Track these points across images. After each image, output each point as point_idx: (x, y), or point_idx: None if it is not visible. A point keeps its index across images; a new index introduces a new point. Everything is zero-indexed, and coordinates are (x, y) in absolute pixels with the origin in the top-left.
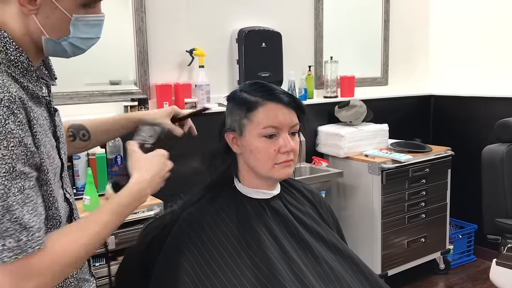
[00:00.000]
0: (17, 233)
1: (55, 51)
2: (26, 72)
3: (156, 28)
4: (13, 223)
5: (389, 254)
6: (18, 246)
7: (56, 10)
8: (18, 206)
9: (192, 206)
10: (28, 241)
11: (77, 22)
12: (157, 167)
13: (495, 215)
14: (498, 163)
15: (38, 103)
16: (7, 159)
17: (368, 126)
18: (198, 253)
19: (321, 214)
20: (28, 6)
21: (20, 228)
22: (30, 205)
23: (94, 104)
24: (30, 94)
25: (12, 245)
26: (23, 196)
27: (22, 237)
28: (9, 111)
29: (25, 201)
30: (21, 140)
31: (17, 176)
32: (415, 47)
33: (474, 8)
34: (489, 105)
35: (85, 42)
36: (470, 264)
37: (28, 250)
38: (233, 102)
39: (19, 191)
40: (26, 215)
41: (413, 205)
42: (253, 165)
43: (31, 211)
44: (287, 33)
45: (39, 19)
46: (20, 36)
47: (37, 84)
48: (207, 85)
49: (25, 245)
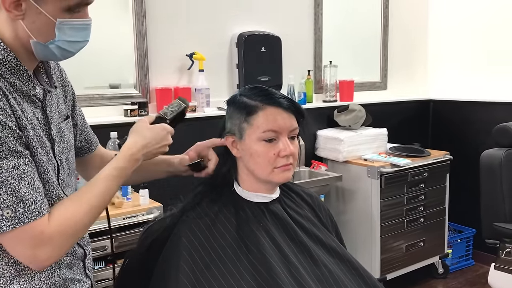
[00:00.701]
0: (14, 205)
1: (45, 55)
2: (14, 71)
3: (156, 32)
4: (10, 195)
5: (387, 258)
6: (15, 216)
7: (40, 15)
8: (13, 181)
9: (191, 210)
10: (25, 212)
11: (62, 26)
12: (154, 136)
13: (493, 220)
14: (497, 167)
15: (31, 102)
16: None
17: (367, 130)
18: (197, 256)
19: (320, 217)
20: (14, 11)
21: (17, 200)
22: (27, 179)
23: (94, 107)
24: (19, 90)
25: (10, 215)
26: (18, 172)
27: (18, 208)
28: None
29: (21, 176)
30: (4, 124)
31: (8, 155)
32: (414, 52)
33: (473, 13)
34: (488, 110)
35: (72, 45)
36: (469, 269)
37: (24, 220)
38: (233, 106)
39: (14, 167)
40: (22, 189)
41: (411, 209)
42: (252, 169)
43: (27, 185)
44: (287, 38)
45: (26, 24)
46: (11, 40)
47: (29, 84)
48: (206, 89)
49: (21, 215)
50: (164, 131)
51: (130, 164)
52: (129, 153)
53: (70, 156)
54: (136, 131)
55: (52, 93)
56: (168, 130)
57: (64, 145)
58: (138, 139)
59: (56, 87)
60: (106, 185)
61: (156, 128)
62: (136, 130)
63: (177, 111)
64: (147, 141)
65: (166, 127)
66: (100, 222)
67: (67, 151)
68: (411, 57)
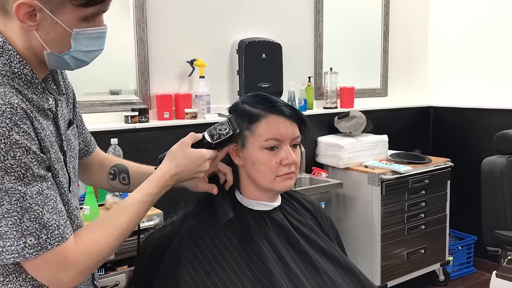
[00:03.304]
0: (37, 232)
1: (58, 65)
2: (30, 84)
3: (157, 39)
4: (33, 222)
5: (388, 266)
6: (39, 243)
7: (56, 25)
8: (37, 207)
9: (193, 217)
10: (48, 239)
11: (78, 36)
12: (189, 165)
13: (494, 227)
14: (498, 175)
15: (45, 116)
16: (16, 167)
17: (367, 137)
18: (198, 265)
19: (322, 225)
20: (28, 22)
21: (40, 227)
22: (50, 204)
23: (95, 113)
24: (36, 106)
25: (33, 242)
26: (42, 197)
27: (42, 235)
28: (12, 122)
29: (45, 202)
30: (28, 149)
31: (32, 180)
32: (414, 59)
33: (473, 20)
34: (489, 117)
35: (88, 54)
36: (470, 276)
37: (47, 247)
38: (235, 114)
39: (38, 193)
40: (46, 215)
41: (412, 216)
42: (254, 177)
43: (50, 210)
44: (287, 44)
45: (40, 35)
46: (23, 50)
47: (43, 96)
48: (207, 95)
49: (45, 242)
50: (201, 159)
51: (161, 191)
52: (162, 180)
53: (76, 164)
54: (172, 156)
55: (62, 101)
56: (207, 158)
57: (71, 153)
58: (172, 167)
59: (64, 94)
60: (136, 210)
61: (193, 156)
62: (173, 154)
63: (225, 137)
64: (179, 170)
65: (205, 154)
66: None
67: (73, 160)
68: (412, 63)
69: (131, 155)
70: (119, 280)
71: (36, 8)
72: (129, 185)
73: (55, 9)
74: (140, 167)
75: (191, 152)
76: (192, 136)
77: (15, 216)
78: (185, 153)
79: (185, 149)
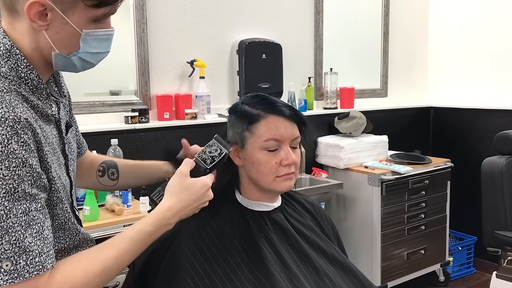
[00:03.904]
0: (16, 256)
1: (65, 66)
2: (35, 89)
3: (157, 39)
4: (12, 245)
5: (388, 266)
6: (16, 269)
7: (66, 25)
8: (19, 228)
9: (192, 219)
10: (26, 266)
11: (87, 37)
12: (192, 198)
13: (494, 228)
14: (498, 175)
15: (48, 121)
16: (8, 179)
17: (367, 137)
18: (198, 265)
19: (322, 226)
20: (38, 21)
21: (20, 251)
22: (35, 228)
23: (95, 114)
24: (40, 112)
25: (9, 268)
26: (27, 218)
27: (20, 260)
28: (13, 131)
29: (29, 224)
30: (25, 161)
31: (21, 197)
32: (414, 59)
33: (473, 20)
34: (489, 117)
35: (95, 56)
36: (470, 276)
37: (25, 275)
38: (235, 114)
39: (23, 212)
40: (28, 238)
41: (412, 216)
42: (254, 178)
43: (34, 234)
44: (287, 45)
45: (49, 35)
46: (30, 52)
47: (47, 102)
48: (207, 96)
49: (22, 269)
50: (204, 188)
51: (159, 230)
52: (161, 218)
53: (75, 166)
54: (172, 192)
55: (64, 104)
56: (209, 186)
57: (72, 156)
58: (173, 204)
59: (66, 96)
60: (126, 248)
61: (194, 187)
62: (172, 190)
63: (218, 158)
64: (183, 204)
65: (207, 183)
66: (99, 230)
67: (73, 162)
68: (412, 64)
69: (131, 156)
70: (119, 281)
71: (47, 7)
72: (117, 180)
73: (67, 9)
74: (129, 161)
75: (192, 183)
76: (188, 164)
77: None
78: (185, 186)
79: (184, 182)
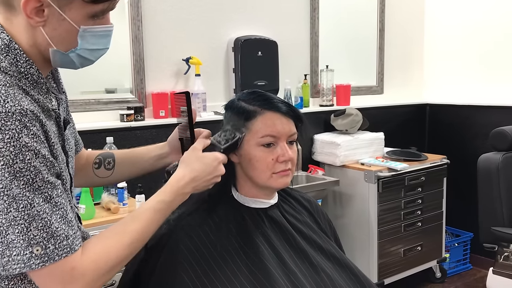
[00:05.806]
0: (45, 241)
1: (63, 63)
2: (36, 84)
3: (153, 37)
4: (40, 231)
5: (385, 263)
6: (46, 253)
7: (63, 21)
8: (45, 215)
9: (189, 216)
10: (55, 249)
11: (85, 33)
12: (204, 168)
13: (491, 224)
14: (494, 171)
15: (49, 116)
16: (25, 171)
17: (364, 134)
18: (195, 263)
19: (319, 223)
20: (35, 18)
21: (48, 236)
22: (59, 213)
23: (90, 112)
24: (41, 107)
25: (40, 252)
26: (50, 205)
27: (49, 245)
28: (21, 124)
29: (53, 210)
30: (38, 152)
31: (41, 187)
32: (410, 56)
33: (469, 17)
34: (485, 114)
35: (93, 53)
36: (466, 273)
37: (55, 257)
38: (231, 111)
39: (45, 200)
40: (54, 223)
41: (409, 213)
42: (251, 175)
43: (59, 219)
44: (283, 42)
45: (47, 31)
46: (28, 48)
47: (47, 97)
48: (203, 93)
49: (52, 252)
50: (215, 161)
51: (177, 198)
52: (176, 187)
53: (73, 163)
54: (185, 162)
55: (62, 100)
56: (220, 160)
57: (71, 153)
58: (187, 172)
59: (64, 92)
60: (149, 218)
61: (207, 159)
62: (186, 161)
63: (232, 141)
64: (196, 174)
65: (219, 156)
66: (95, 229)
67: (72, 159)
68: (408, 61)
69: None
70: (115, 280)
71: (44, 3)
72: (113, 169)
73: (64, 5)
74: (124, 150)
75: (204, 155)
76: (202, 142)
77: (22, 224)
78: (199, 157)
79: (197, 154)
